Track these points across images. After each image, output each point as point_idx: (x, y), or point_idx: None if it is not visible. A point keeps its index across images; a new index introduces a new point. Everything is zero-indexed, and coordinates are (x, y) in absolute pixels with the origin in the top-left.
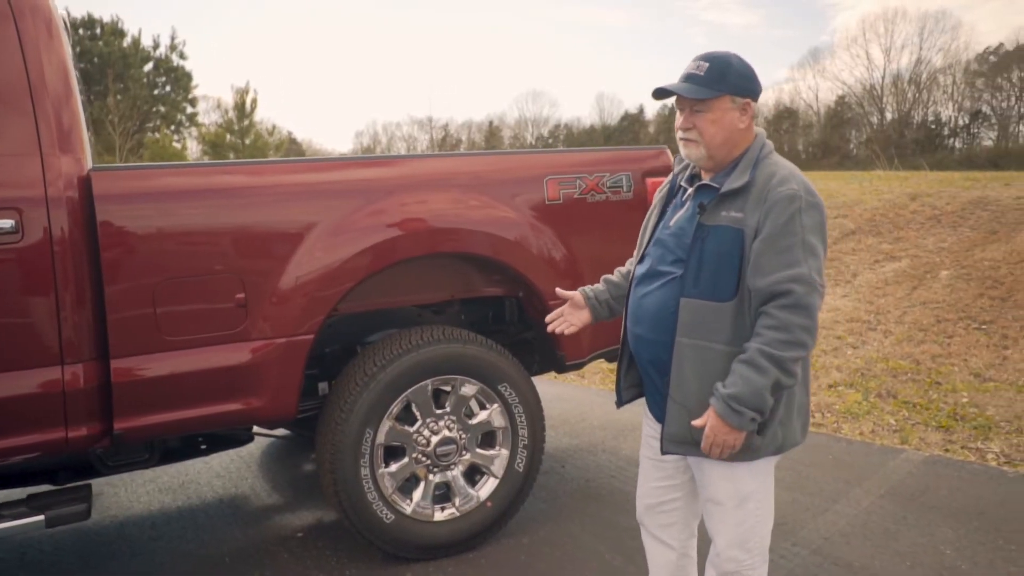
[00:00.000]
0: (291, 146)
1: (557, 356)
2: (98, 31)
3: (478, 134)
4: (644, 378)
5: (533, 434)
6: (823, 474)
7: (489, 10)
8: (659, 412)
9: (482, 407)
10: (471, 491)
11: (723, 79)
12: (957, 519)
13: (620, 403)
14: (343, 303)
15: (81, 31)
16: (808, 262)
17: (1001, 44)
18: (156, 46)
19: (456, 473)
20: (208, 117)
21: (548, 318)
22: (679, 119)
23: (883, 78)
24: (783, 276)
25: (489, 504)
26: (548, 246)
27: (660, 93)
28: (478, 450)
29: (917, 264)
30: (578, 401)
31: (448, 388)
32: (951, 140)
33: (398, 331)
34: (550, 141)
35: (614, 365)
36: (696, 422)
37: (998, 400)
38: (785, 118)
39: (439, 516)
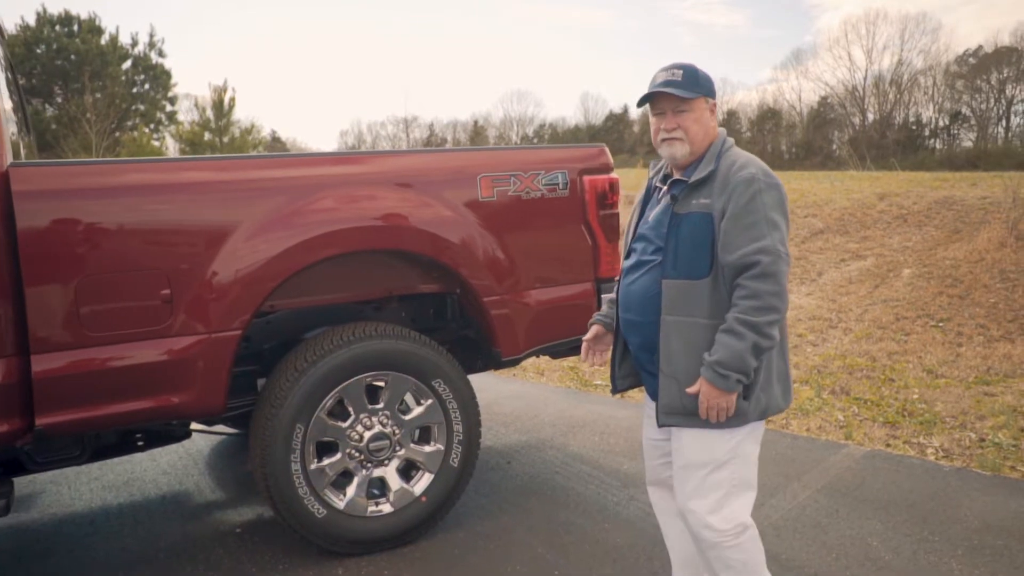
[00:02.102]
0: (273, 144)
1: (494, 352)
2: (75, 28)
3: (463, 133)
4: (638, 362)
5: (468, 429)
6: (764, 469)
7: (476, 11)
8: (653, 391)
9: (418, 403)
10: (406, 486)
11: (697, 83)
12: (887, 512)
13: (615, 390)
14: (279, 300)
15: (58, 28)
16: (772, 235)
17: (980, 46)
18: (135, 44)
19: (390, 468)
20: (190, 115)
21: (581, 357)
22: (661, 122)
23: (865, 79)
24: (750, 249)
25: (424, 499)
26: (481, 242)
27: (648, 97)
28: (412, 445)
29: (881, 263)
30: (533, 398)
31: (382, 383)
32: (932, 141)
33: (331, 327)
34: (535, 140)
35: (573, 363)
36: (690, 389)
37: (947, 396)
38: (768, 118)
39: (372, 511)
